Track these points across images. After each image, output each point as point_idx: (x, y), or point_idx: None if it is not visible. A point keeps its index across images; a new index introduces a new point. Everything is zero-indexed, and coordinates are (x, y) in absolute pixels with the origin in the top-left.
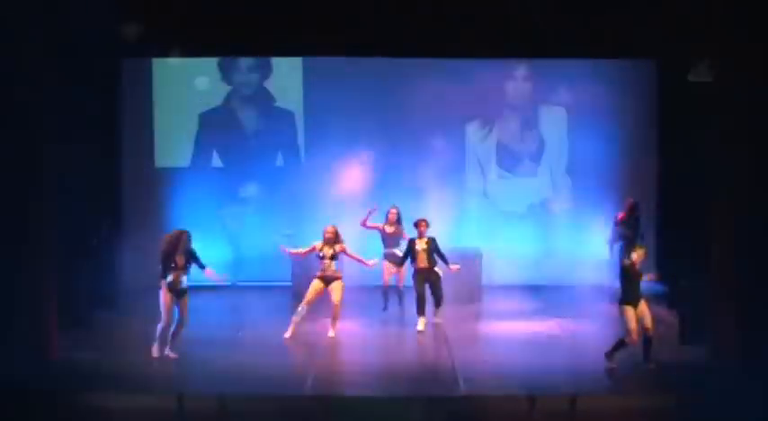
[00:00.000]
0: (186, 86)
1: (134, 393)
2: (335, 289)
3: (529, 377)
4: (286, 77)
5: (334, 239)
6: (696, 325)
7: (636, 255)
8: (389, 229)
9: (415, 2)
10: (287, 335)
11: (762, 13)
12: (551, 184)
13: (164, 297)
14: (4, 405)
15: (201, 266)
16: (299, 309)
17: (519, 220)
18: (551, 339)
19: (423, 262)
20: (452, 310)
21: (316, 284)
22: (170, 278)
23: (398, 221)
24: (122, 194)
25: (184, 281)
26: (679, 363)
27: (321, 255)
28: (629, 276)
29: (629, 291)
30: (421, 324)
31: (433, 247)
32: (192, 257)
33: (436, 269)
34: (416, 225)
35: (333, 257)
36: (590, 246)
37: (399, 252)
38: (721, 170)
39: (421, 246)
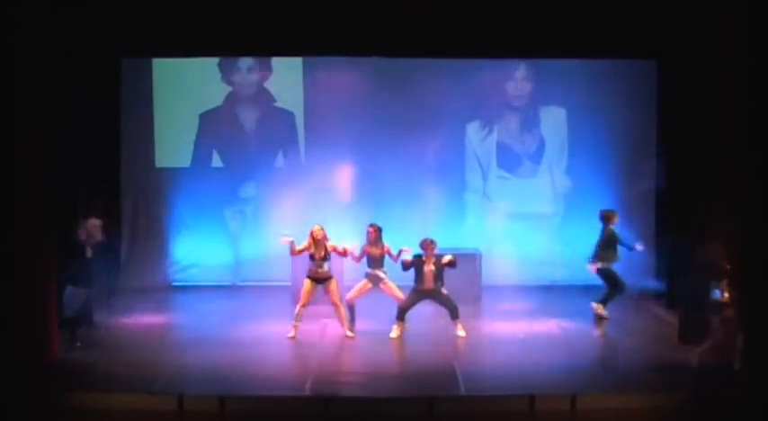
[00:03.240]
0: (186, 86)
1: (134, 393)
2: (331, 290)
3: (529, 377)
4: (286, 77)
5: (324, 239)
6: (696, 325)
7: None
8: (375, 250)
9: (415, 2)
10: (290, 335)
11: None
12: (551, 185)
13: None
14: (5, 405)
15: None
16: (296, 311)
17: (518, 221)
18: (551, 339)
19: (429, 283)
20: None
21: (307, 285)
22: None
23: (380, 239)
24: (122, 194)
25: None
26: (679, 363)
27: (312, 255)
28: None
29: None
30: (396, 331)
31: (440, 268)
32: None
33: (443, 290)
34: (424, 246)
35: (324, 258)
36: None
37: (383, 274)
38: (721, 169)
39: (429, 266)
